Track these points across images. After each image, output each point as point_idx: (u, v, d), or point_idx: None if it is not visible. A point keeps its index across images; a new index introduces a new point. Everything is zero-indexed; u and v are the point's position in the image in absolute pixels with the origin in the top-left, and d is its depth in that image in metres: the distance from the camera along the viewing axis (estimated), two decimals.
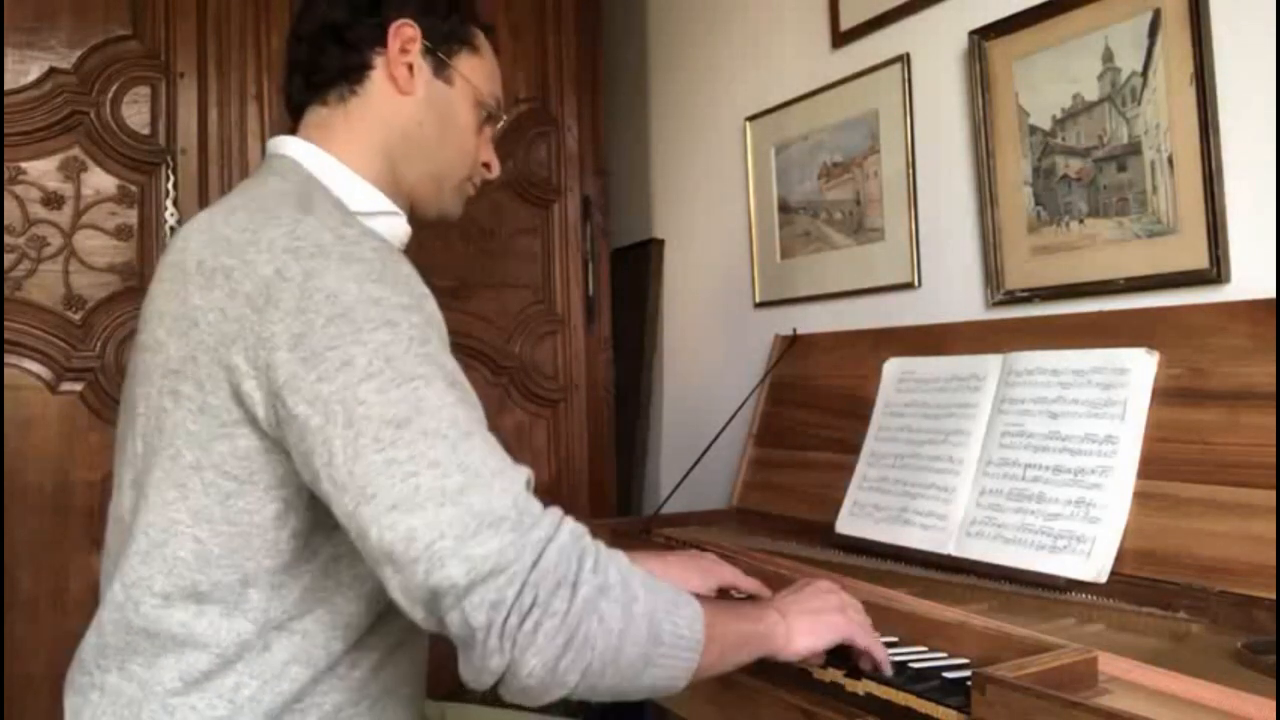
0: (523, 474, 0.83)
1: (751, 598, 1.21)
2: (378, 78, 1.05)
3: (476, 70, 1.10)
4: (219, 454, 0.86)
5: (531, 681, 0.76)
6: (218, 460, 0.86)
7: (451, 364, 0.86)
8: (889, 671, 0.96)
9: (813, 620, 0.96)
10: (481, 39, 1.12)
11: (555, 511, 0.82)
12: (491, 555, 0.75)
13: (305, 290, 0.82)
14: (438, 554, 0.75)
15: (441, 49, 1.07)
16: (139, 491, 0.91)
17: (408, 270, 0.89)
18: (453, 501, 0.77)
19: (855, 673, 0.98)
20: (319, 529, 0.89)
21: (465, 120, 1.10)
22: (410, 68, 1.05)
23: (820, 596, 1.00)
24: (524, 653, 0.75)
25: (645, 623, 0.80)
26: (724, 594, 1.23)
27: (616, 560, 0.83)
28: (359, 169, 1.03)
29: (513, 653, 0.75)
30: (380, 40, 1.04)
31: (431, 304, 0.89)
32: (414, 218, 1.10)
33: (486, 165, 1.16)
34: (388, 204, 1.05)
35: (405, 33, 1.04)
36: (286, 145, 1.03)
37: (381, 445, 0.78)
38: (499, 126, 1.16)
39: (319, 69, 1.05)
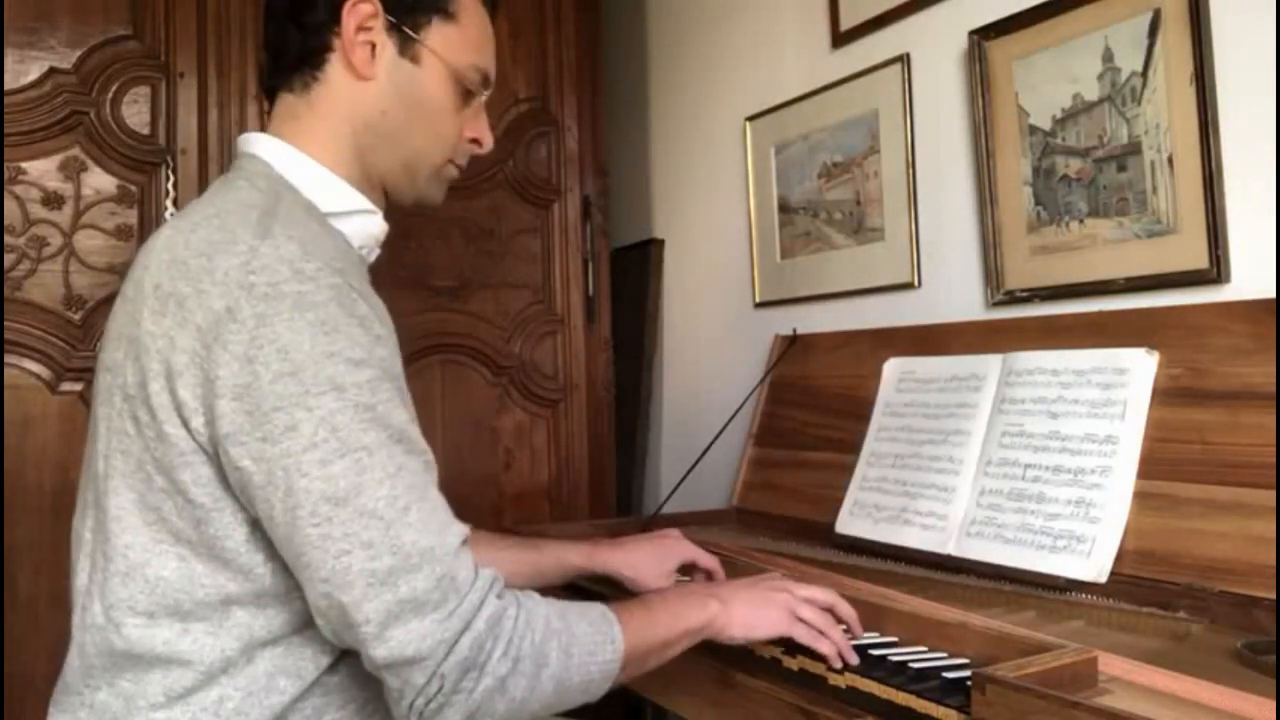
0: (454, 540, 0.86)
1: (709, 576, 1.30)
2: (336, 62, 0.97)
3: (453, 42, 1.00)
4: (183, 482, 0.85)
5: None
6: (183, 487, 0.85)
7: (400, 417, 0.85)
8: (853, 660, 1.00)
9: (751, 612, 1.02)
10: (461, 2, 1.01)
11: (480, 589, 0.86)
12: (410, 643, 0.81)
13: (255, 338, 0.80)
14: (361, 635, 0.82)
15: (406, 23, 0.97)
16: (101, 512, 0.89)
17: (363, 310, 0.85)
18: (381, 583, 0.81)
19: (792, 652, 1.03)
20: None
21: (438, 101, 1.01)
22: (372, 48, 0.97)
23: (767, 590, 1.05)
24: None
25: (552, 684, 0.87)
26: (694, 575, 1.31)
27: (534, 630, 0.87)
28: (329, 163, 0.97)
29: (418, 719, 0.83)
30: (337, 20, 0.96)
31: (385, 347, 0.86)
32: (390, 205, 1.05)
33: (476, 141, 1.06)
34: (362, 202, 1.00)
35: (361, 10, 0.95)
36: (256, 144, 0.98)
37: (318, 521, 0.80)
38: (484, 98, 1.05)
39: (282, 52, 0.99)
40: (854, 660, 1.00)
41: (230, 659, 0.87)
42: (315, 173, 0.97)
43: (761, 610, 1.02)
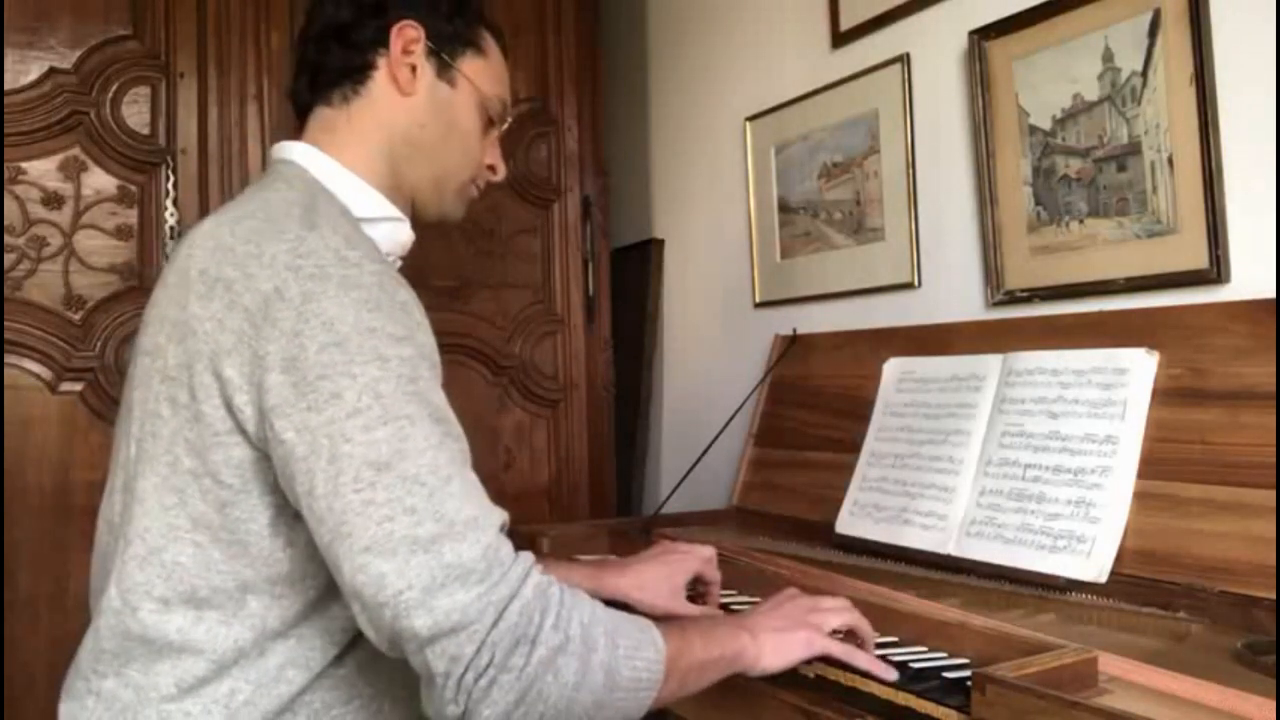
0: (496, 518, 0.85)
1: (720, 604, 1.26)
2: (380, 78, 1.05)
3: (481, 73, 1.10)
4: (214, 463, 0.86)
5: None
6: (213, 469, 0.87)
7: (439, 398, 0.87)
8: (890, 675, 0.95)
9: (780, 639, 0.99)
10: (489, 41, 1.12)
11: (524, 561, 0.85)
12: (456, 610, 0.78)
13: (302, 313, 0.83)
14: (404, 604, 0.78)
15: (445, 50, 1.07)
16: (129, 495, 0.91)
17: (404, 297, 0.89)
18: (424, 550, 0.79)
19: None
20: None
21: (468, 123, 1.10)
22: (413, 69, 1.05)
23: (792, 612, 1.02)
24: (478, 705, 0.79)
25: (602, 673, 0.83)
26: (696, 586, 1.26)
27: (580, 610, 0.85)
28: (363, 173, 1.03)
29: (467, 704, 0.79)
30: (383, 41, 1.04)
31: (424, 333, 0.89)
32: (414, 218, 1.10)
33: (491, 168, 1.15)
34: (392, 210, 1.05)
35: (408, 34, 1.04)
36: (291, 150, 1.03)
37: (361, 486, 0.80)
38: (503, 129, 1.15)
39: (323, 69, 1.05)
40: (891, 675, 0.96)
41: (243, 649, 0.88)
42: (348, 180, 1.02)
43: (791, 635, 1.00)
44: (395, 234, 1.05)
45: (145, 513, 0.89)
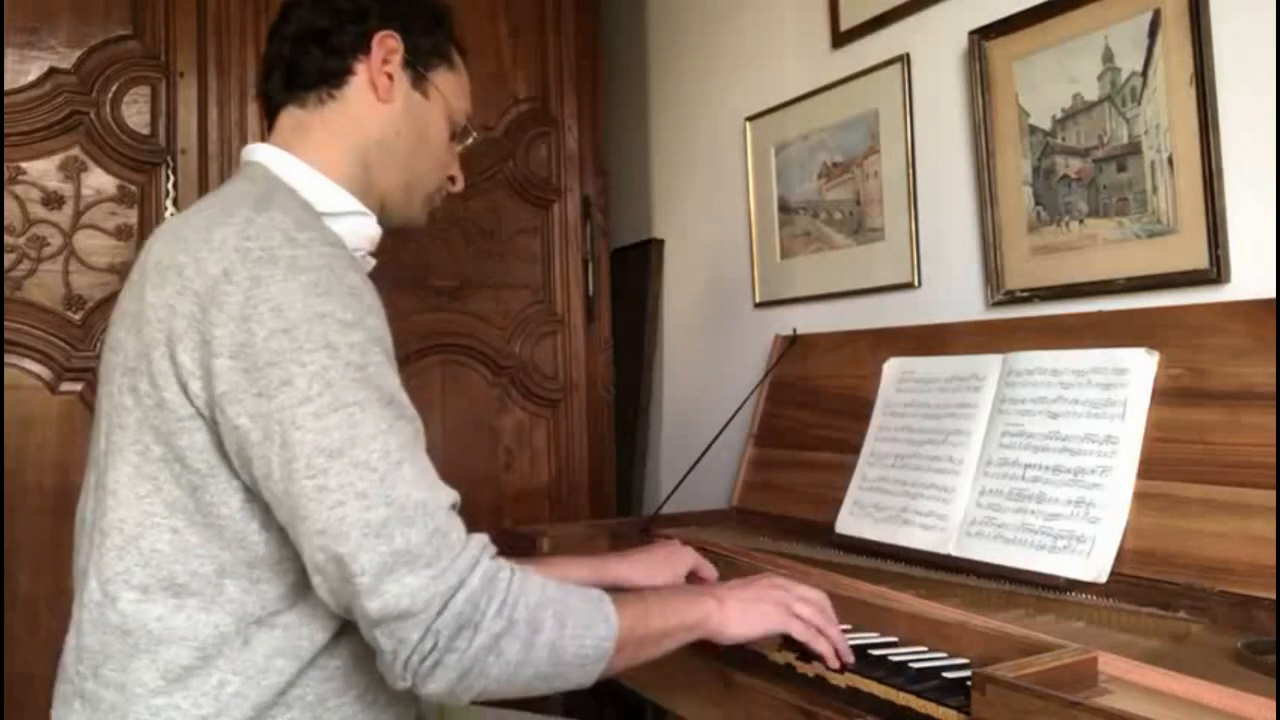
0: (446, 499, 0.88)
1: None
2: (358, 84, 1.07)
3: (451, 86, 1.14)
4: (180, 448, 0.88)
5: (431, 699, 0.87)
6: (180, 454, 0.88)
7: (390, 381, 0.89)
8: (849, 659, 1.00)
9: (746, 608, 1.02)
10: (457, 58, 1.16)
11: (475, 546, 0.87)
12: (405, 596, 0.82)
13: (250, 298, 0.84)
14: (357, 587, 0.82)
15: (421, 63, 1.10)
16: (102, 490, 0.92)
17: (355, 280, 0.90)
18: (375, 535, 0.82)
19: (806, 657, 1.02)
20: None
21: (438, 133, 1.13)
22: (390, 77, 1.07)
23: (764, 589, 1.05)
24: (424, 680, 0.84)
25: (546, 651, 0.87)
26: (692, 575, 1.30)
27: (528, 594, 0.88)
28: (331, 172, 1.05)
29: (414, 679, 0.84)
30: (363, 48, 1.07)
31: (375, 317, 0.90)
32: (379, 224, 1.12)
33: (451, 179, 1.19)
34: (357, 204, 1.06)
35: (388, 43, 1.07)
36: (258, 152, 1.05)
37: (313, 473, 0.82)
38: (468, 143, 1.19)
39: (300, 70, 1.07)
40: (850, 659, 1.00)
41: (225, 636, 0.88)
42: (312, 177, 1.03)
43: (757, 607, 1.02)
44: (361, 228, 1.07)
45: (120, 503, 0.90)
